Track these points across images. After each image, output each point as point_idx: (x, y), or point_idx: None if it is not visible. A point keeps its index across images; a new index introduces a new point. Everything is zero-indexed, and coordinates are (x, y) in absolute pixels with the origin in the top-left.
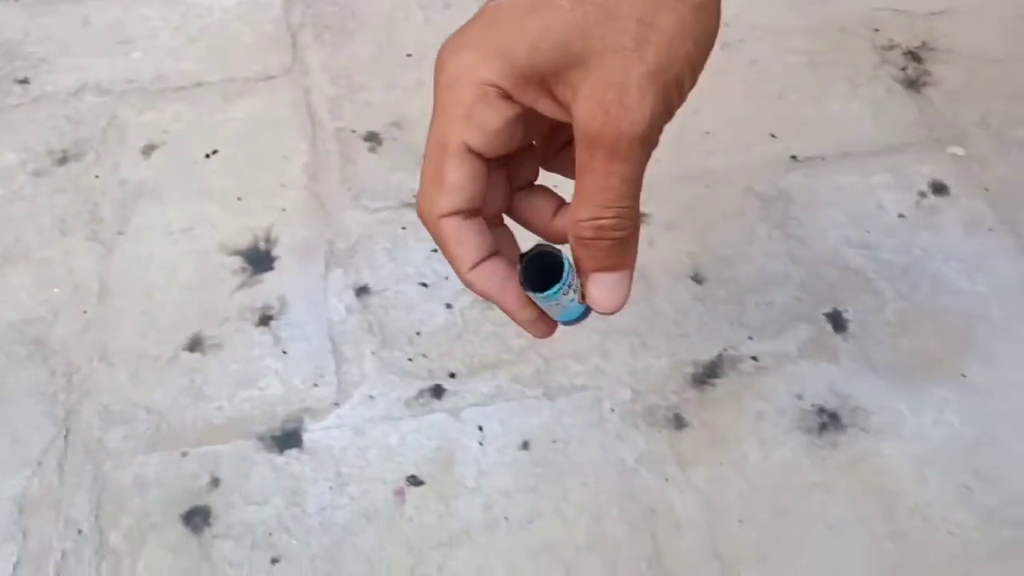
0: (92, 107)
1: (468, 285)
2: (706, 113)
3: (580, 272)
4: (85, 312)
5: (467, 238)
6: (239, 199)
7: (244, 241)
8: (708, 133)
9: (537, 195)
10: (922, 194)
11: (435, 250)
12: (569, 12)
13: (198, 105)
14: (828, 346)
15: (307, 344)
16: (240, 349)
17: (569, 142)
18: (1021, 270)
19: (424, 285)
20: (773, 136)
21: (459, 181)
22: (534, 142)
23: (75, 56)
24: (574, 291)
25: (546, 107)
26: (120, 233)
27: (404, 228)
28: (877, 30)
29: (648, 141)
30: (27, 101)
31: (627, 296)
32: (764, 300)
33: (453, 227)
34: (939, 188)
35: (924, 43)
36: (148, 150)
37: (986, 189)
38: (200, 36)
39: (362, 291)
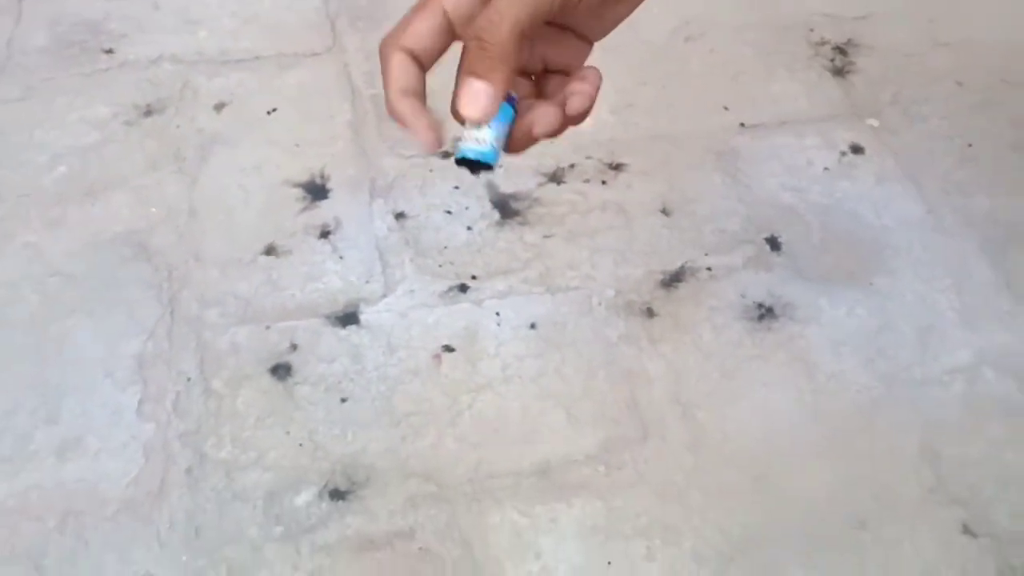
0: (169, 73)
1: (391, 106)
2: (674, 90)
3: (458, 79)
4: (178, 226)
5: (405, 72)
6: (297, 146)
7: (303, 177)
8: (674, 105)
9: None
10: (843, 153)
11: (457, 187)
12: None
13: (258, 73)
14: (766, 261)
15: (359, 253)
16: (306, 255)
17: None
18: (920, 210)
19: (449, 212)
20: (726, 108)
21: (421, 31)
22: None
23: (150, 33)
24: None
25: None
26: (201, 169)
27: (431, 171)
28: (812, 29)
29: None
30: (114, 66)
31: (486, 110)
32: (717, 228)
33: (398, 60)
34: (857, 149)
35: (849, 40)
36: (219, 107)
37: (895, 152)
38: (254, 19)
39: (400, 216)
